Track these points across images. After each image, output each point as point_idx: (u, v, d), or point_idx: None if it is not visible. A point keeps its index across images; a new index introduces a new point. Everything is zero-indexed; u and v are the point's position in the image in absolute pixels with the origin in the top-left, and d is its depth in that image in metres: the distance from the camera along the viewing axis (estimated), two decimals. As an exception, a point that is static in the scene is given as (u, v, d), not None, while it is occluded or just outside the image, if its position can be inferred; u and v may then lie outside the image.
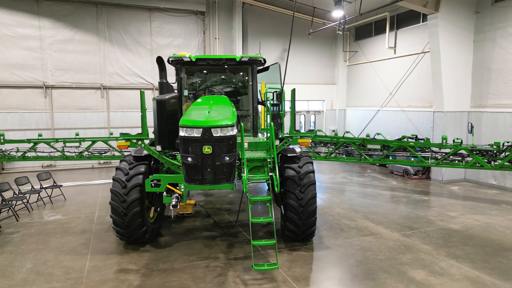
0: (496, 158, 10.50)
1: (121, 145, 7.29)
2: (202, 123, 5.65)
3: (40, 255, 7.25)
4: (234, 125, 5.76)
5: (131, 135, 7.33)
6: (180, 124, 5.74)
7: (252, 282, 6.09)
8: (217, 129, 5.64)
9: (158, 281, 6.16)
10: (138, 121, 17.14)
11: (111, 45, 16.78)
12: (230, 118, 5.80)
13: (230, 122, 5.73)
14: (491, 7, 12.64)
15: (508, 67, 12.20)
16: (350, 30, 19.66)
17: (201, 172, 5.79)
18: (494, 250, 7.43)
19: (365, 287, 5.91)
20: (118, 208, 7.12)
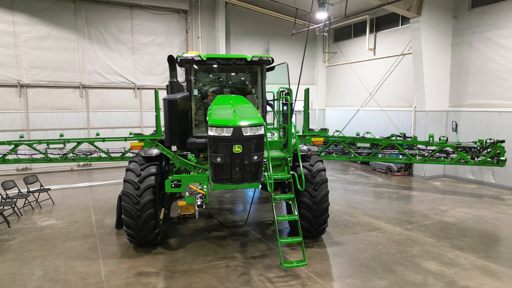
0: (480, 154, 11.19)
1: (134, 146, 7.11)
2: (232, 123, 5.65)
3: (47, 261, 6.93)
4: (262, 124, 5.81)
5: (145, 135, 7.14)
6: (209, 124, 5.71)
7: (278, 280, 6.16)
8: (247, 128, 5.67)
9: (183, 283, 6.08)
10: (119, 121, 16.89)
11: (91, 42, 16.19)
12: (259, 118, 5.84)
13: (259, 122, 5.77)
14: (468, 13, 13.43)
15: (484, 69, 13.01)
16: (329, 31, 20.12)
17: (229, 172, 5.79)
18: (491, 240, 7.94)
19: (386, 280, 6.15)
20: (131, 210, 6.95)
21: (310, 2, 17.34)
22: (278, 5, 18.34)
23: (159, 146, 7.11)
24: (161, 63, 17.47)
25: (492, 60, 12.77)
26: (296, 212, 6.53)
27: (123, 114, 17.07)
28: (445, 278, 6.18)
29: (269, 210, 10.10)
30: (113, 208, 10.35)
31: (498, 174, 12.70)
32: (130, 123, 17.19)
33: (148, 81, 17.29)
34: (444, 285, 5.97)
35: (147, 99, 17.37)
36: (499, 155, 10.89)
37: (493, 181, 12.88)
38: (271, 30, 19.37)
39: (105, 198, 11.38)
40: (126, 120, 17.14)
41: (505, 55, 12.36)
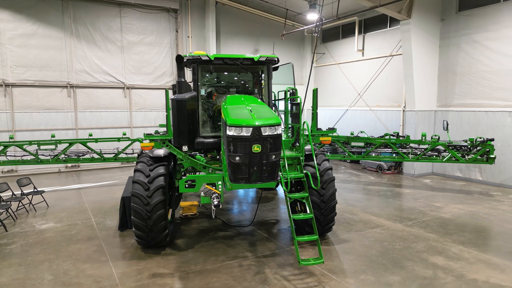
0: (470, 152, 11.61)
1: (145, 146, 7.03)
2: (251, 122, 5.69)
3: (55, 265, 6.76)
4: (280, 124, 5.87)
5: (155, 135, 7.06)
6: (228, 124, 5.72)
7: (293, 278, 6.23)
8: (266, 128, 5.72)
9: (199, 283, 6.06)
10: (108, 121, 16.59)
11: (78, 40, 15.82)
12: (276, 117, 5.90)
13: (277, 121, 5.83)
14: (456, 15, 13.90)
15: (471, 70, 13.50)
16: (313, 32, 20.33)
17: (247, 171, 5.82)
18: (489, 235, 8.27)
19: (398, 275, 6.32)
20: (141, 211, 6.87)
21: (300, 3, 17.54)
22: (268, 5, 18.42)
23: (169, 146, 7.05)
24: (151, 63, 17.26)
25: (479, 61, 13.26)
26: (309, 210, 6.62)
27: (112, 114, 16.76)
28: (454, 272, 6.41)
29: (270, 210, 10.17)
30: (111, 209, 10.21)
31: (485, 172, 13.20)
32: (119, 123, 16.90)
33: (137, 80, 17.04)
34: (454, 278, 6.18)
35: (136, 99, 17.12)
36: (489, 153, 11.32)
37: (480, 178, 13.37)
38: (261, 30, 19.44)
39: (100, 200, 11.17)
40: (115, 120, 16.83)
41: (491, 57, 12.86)
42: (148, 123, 17.47)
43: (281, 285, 5.99)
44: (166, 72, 17.62)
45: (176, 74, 17.63)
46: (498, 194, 11.82)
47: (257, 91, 9.25)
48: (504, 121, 12.60)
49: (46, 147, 12.42)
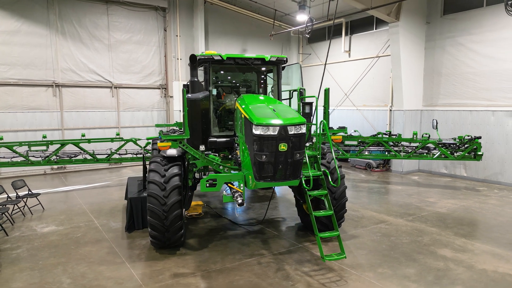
0: (458, 149, 12.16)
1: (162, 146, 6.98)
2: (278, 122, 5.78)
3: (69, 268, 6.61)
4: (305, 123, 6.00)
5: (173, 135, 7.01)
6: (255, 123, 5.79)
7: (314, 273, 6.38)
8: (292, 127, 5.84)
9: (223, 281, 6.10)
10: (96, 121, 16.23)
11: (64, 38, 15.36)
12: (300, 117, 6.02)
13: (302, 120, 5.96)
14: (441, 19, 14.49)
15: (456, 71, 14.12)
16: (303, 33, 20.63)
17: (273, 169, 5.91)
18: (486, 227, 8.72)
19: (413, 267, 6.59)
20: (158, 212, 6.82)
21: (288, 4, 17.75)
22: (256, 5, 18.52)
23: (186, 146, 7.03)
24: (139, 62, 16.99)
25: (463, 63, 13.89)
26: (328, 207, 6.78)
27: (100, 114, 16.38)
28: (463, 263, 6.74)
29: (272, 208, 10.27)
30: (112, 211, 10.04)
31: (470, 168, 13.85)
32: (107, 124, 16.53)
33: (125, 79, 16.73)
34: (465, 269, 6.52)
35: (124, 98, 16.80)
36: (476, 150, 11.91)
37: (465, 174, 14.02)
38: (248, 30, 19.52)
39: (98, 202, 10.93)
40: (103, 121, 16.46)
41: (475, 59, 13.50)
42: (136, 123, 17.18)
43: (304, 281, 6.12)
44: (154, 71, 17.39)
45: (164, 73, 17.56)
46: (484, 189, 12.44)
47: (262, 91, 9.38)
48: (487, 120, 13.27)
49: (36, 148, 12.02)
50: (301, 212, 8.79)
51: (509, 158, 12.73)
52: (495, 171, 13.14)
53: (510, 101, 12.63)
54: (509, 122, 12.70)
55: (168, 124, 13.87)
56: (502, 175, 12.96)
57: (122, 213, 9.84)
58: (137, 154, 13.43)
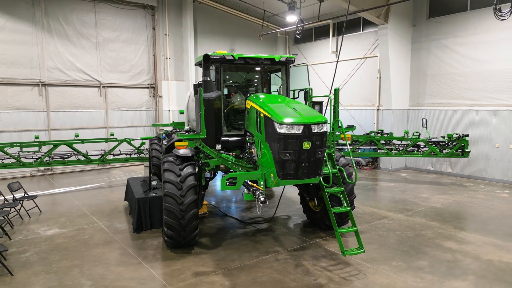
0: (447, 147, 12.71)
1: (179, 145, 6.97)
2: (303, 120, 5.92)
3: (86, 270, 6.49)
4: (327, 121, 6.17)
5: (190, 134, 7.00)
6: (280, 122, 5.90)
7: (333, 268, 6.56)
8: (315, 126, 5.99)
9: (246, 278, 6.18)
10: (84, 121, 15.88)
11: (50, 36, 14.91)
12: (322, 116, 6.18)
13: (325, 119, 6.12)
14: (426, 22, 15.07)
15: (441, 72, 14.73)
16: (289, 34, 20.92)
17: (296, 167, 6.04)
18: (481, 220, 9.17)
19: (424, 260, 6.88)
20: (175, 211, 6.82)
21: (276, 4, 17.92)
22: (245, 5, 18.58)
23: (202, 145, 7.04)
24: (127, 60, 16.71)
25: (448, 64, 14.51)
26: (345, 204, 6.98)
27: (87, 114, 16.00)
28: (469, 254, 7.11)
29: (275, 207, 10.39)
30: (113, 212, 9.90)
31: (455, 165, 14.49)
32: (95, 124, 16.18)
33: (113, 79, 16.41)
34: (472, 260, 6.87)
35: (112, 98, 16.48)
36: (464, 148, 12.49)
37: (450, 171, 14.65)
38: (236, 30, 19.57)
39: (96, 203, 10.72)
40: (91, 121, 16.09)
41: (460, 60, 14.13)
42: (124, 123, 16.89)
43: (325, 275, 6.29)
44: (143, 71, 17.15)
45: (153, 72, 17.35)
46: (470, 184, 13.06)
47: (266, 90, 9.49)
48: (472, 119, 13.92)
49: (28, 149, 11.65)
50: (307, 210, 8.97)
51: (493, 155, 13.42)
52: (479, 167, 13.80)
53: (493, 100, 13.31)
54: (492, 120, 13.38)
55: (165, 124, 13.74)
56: (486, 171, 13.64)
57: (124, 214, 9.71)
58: (131, 154, 13.24)
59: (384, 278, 6.19)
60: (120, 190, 12.15)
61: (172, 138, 9.12)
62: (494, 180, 13.37)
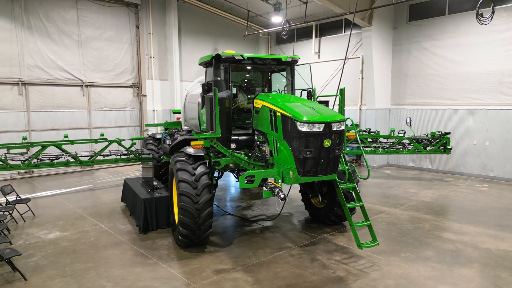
0: (430, 144, 13.37)
1: (195, 145, 6.98)
2: (324, 119, 6.12)
3: (103, 272, 6.39)
4: (344, 120, 6.41)
5: (205, 134, 7.01)
6: (301, 121, 6.07)
7: (348, 261, 6.82)
8: (335, 124, 6.21)
9: (268, 274, 6.31)
10: (65, 122, 15.41)
11: (31, 33, 14.34)
12: (340, 114, 6.41)
13: (343, 118, 6.36)
14: (406, 25, 15.75)
15: (421, 73, 15.45)
16: (271, 34, 21.17)
17: (316, 165, 6.24)
18: (470, 213, 9.75)
19: (430, 250, 7.27)
20: (191, 210, 6.83)
21: (260, 5, 18.10)
22: (229, 5, 18.62)
23: (217, 144, 7.10)
24: (111, 59, 16.33)
25: (427, 66, 15.24)
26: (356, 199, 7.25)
27: (70, 114, 15.50)
28: (469, 244, 7.58)
29: (274, 204, 10.57)
30: (112, 214, 9.75)
31: (435, 161, 15.25)
32: (77, 124, 15.69)
33: (96, 78, 15.99)
34: (472, 249, 7.34)
35: (96, 97, 16.05)
36: (446, 145, 13.19)
37: (431, 167, 15.40)
38: (220, 30, 19.57)
39: (91, 205, 10.47)
40: (73, 121, 15.60)
41: (438, 62, 14.88)
42: (108, 123, 16.50)
43: (342, 268, 6.53)
44: (126, 70, 16.81)
45: (136, 72, 17.06)
46: (451, 179, 13.80)
47: (267, 90, 9.65)
48: (450, 118, 14.71)
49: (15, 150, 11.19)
50: (309, 206, 9.21)
51: (470, 152, 14.24)
52: (458, 163, 14.61)
53: (471, 100, 14.12)
54: (469, 119, 14.20)
55: (158, 124, 13.55)
56: (464, 167, 14.46)
57: (124, 215, 9.56)
58: (120, 155, 12.99)
59: (398, 268, 6.51)
60: (113, 192, 11.92)
61: (176, 138, 9.11)
62: (472, 175, 14.19)
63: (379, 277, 6.19)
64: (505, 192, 11.79)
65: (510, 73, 13.09)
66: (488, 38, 13.49)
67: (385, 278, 6.16)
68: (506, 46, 13.14)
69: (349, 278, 6.17)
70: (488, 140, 13.75)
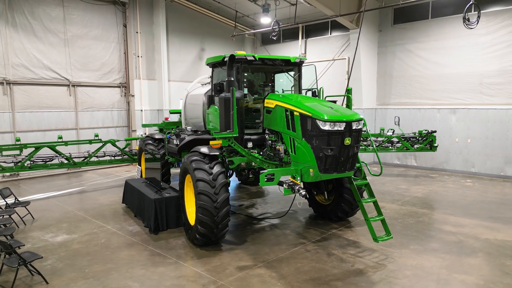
0: (417, 142, 13.98)
1: (214, 144, 7.06)
2: (345, 118, 6.37)
3: (126, 273, 6.36)
4: (363, 119, 6.69)
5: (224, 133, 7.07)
6: (323, 120, 6.28)
7: (363, 254, 7.10)
8: (354, 123, 6.47)
9: (290, 269, 6.48)
10: (52, 122, 14.99)
11: (15, 30, 13.84)
12: (358, 114, 6.68)
13: (361, 117, 6.62)
14: (391, 28, 16.35)
15: (406, 74, 16.09)
16: (256, 35, 21.35)
17: (337, 162, 6.47)
18: (462, 206, 10.30)
19: (435, 242, 7.68)
20: (210, 209, 6.91)
21: (248, 5, 18.24)
22: (217, 5, 18.61)
23: (234, 143, 7.19)
24: (98, 58, 15.99)
25: (411, 67, 15.89)
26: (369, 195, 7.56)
27: (56, 115, 15.06)
28: (469, 235, 8.06)
29: (276, 202, 10.76)
30: (115, 215, 9.65)
31: (419, 158, 15.93)
32: (64, 125, 15.27)
33: (83, 77, 15.62)
34: (474, 240, 7.81)
35: (83, 97, 15.67)
36: (432, 143, 13.83)
37: (415, 164, 16.07)
38: (207, 30, 19.54)
39: (91, 207, 10.27)
40: (60, 121, 15.17)
41: (422, 64, 15.56)
42: (95, 123, 16.15)
43: (359, 261, 6.80)
44: (114, 69, 16.51)
45: (124, 71, 16.80)
46: (436, 176, 14.47)
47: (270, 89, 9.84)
48: (433, 117, 15.41)
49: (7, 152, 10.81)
50: (313, 204, 9.45)
51: (453, 149, 14.98)
52: (441, 160, 15.33)
53: (453, 100, 14.86)
54: (452, 118, 14.94)
55: (155, 124, 13.39)
56: (447, 163, 15.19)
57: (128, 216, 9.47)
58: (115, 156, 12.79)
59: (411, 260, 6.85)
60: (109, 193, 11.73)
61: (183, 138, 9.12)
62: (455, 171, 14.94)
63: (396, 268, 6.51)
64: (489, 187, 12.51)
65: (489, 74, 13.89)
66: (469, 41, 14.24)
67: (402, 269, 6.48)
68: (485, 49, 13.93)
69: (369, 270, 6.44)
70: (470, 138, 14.52)
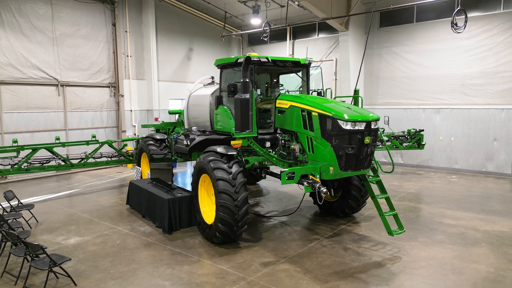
0: (406, 141, 14.60)
1: (235, 144, 7.19)
2: (365, 118, 6.67)
3: (152, 272, 6.40)
4: (379, 119, 7.02)
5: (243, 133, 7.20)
6: (345, 119, 6.55)
7: (376, 248, 7.44)
8: (373, 122, 6.79)
9: (312, 264, 6.72)
10: (40, 123, 14.63)
11: (2, 28, 13.37)
12: (376, 114, 7.00)
13: (378, 117, 6.95)
14: (378, 31, 16.95)
15: (392, 75, 16.73)
16: (243, 36, 21.51)
17: (356, 160, 6.77)
18: (454, 201, 10.90)
19: (440, 235, 8.13)
20: (231, 207, 7.05)
21: (238, 6, 18.38)
22: (205, 5, 18.62)
23: (252, 143, 7.36)
24: (87, 57, 15.67)
25: (397, 69, 16.55)
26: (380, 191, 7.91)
27: (44, 115, 14.65)
28: (468, 227, 8.59)
29: (278, 199, 10.99)
30: (123, 216, 9.61)
31: (405, 156, 16.60)
32: (52, 126, 14.87)
33: (72, 77, 15.27)
34: (474, 231, 8.34)
35: (71, 97, 15.32)
36: (420, 141, 14.49)
37: (402, 161, 16.75)
38: (196, 30, 19.52)
39: (94, 209, 10.12)
40: (48, 122, 14.76)
41: (407, 66, 16.24)
42: (85, 124, 15.81)
43: (375, 254, 7.14)
44: (103, 69, 16.22)
45: (113, 71, 16.55)
46: (422, 172, 15.16)
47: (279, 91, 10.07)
48: (419, 116, 16.13)
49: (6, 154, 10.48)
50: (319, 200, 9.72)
51: (437, 147, 15.74)
52: (426, 157, 16.06)
53: (437, 100, 15.61)
54: (436, 117, 15.69)
55: (153, 125, 13.27)
56: (432, 161, 15.94)
57: (136, 217, 9.42)
58: (111, 157, 12.63)
59: (423, 251, 7.26)
60: (108, 195, 11.58)
61: (193, 139, 9.19)
62: (439, 168, 15.70)
63: (412, 260, 6.88)
64: (473, 182, 13.25)
65: (471, 76, 14.70)
66: (452, 45, 15.01)
67: (417, 260, 6.86)
68: (467, 52, 14.73)
69: (387, 262, 6.78)
70: (453, 136, 15.31)
